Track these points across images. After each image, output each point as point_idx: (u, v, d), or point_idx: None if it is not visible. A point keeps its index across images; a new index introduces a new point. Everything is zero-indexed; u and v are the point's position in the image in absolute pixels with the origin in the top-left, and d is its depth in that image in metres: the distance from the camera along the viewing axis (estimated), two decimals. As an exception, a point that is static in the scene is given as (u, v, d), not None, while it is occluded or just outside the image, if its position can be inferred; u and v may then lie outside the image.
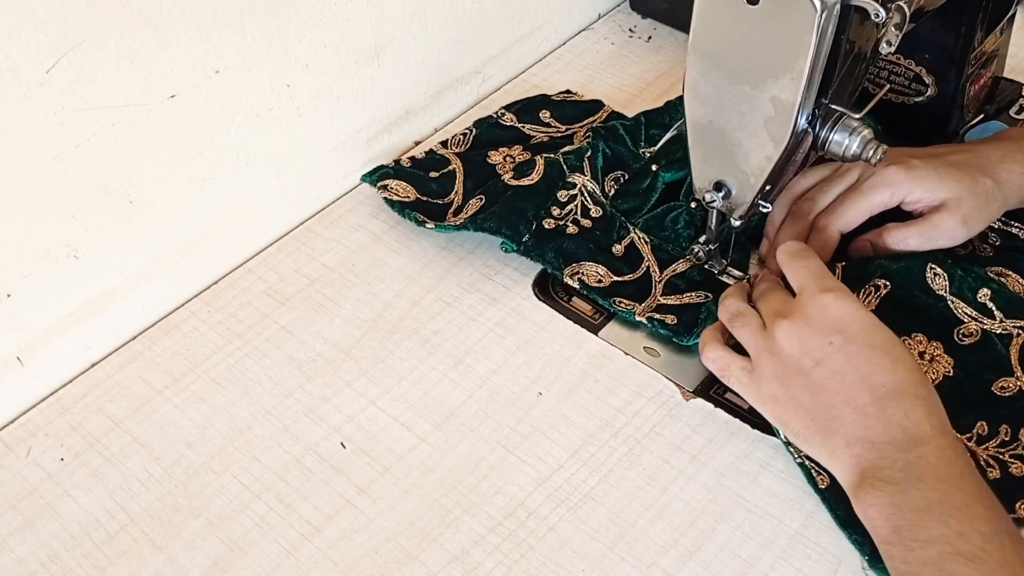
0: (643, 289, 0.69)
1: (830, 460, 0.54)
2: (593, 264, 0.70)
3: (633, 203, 0.75)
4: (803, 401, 0.55)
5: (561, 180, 0.74)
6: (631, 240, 0.72)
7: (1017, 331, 0.62)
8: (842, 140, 0.59)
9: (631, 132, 0.79)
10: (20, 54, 0.54)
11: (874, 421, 0.53)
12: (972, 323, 0.63)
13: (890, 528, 0.50)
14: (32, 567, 0.57)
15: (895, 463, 0.51)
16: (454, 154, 0.80)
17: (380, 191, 0.76)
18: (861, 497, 0.52)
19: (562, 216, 0.73)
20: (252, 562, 0.57)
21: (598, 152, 0.77)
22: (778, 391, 0.57)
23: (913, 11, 0.56)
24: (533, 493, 0.59)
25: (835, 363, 0.54)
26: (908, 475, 0.51)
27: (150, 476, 0.61)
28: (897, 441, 0.52)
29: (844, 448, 0.53)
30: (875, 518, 0.51)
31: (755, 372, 0.58)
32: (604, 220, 0.73)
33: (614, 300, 0.68)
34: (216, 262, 0.73)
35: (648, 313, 0.67)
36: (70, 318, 0.65)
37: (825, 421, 0.54)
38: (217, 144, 0.68)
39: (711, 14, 0.55)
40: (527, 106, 0.85)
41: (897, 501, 0.50)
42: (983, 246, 0.69)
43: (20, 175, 0.58)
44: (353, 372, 0.66)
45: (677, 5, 0.94)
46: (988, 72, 0.78)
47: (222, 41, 0.64)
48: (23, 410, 0.65)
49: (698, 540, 0.56)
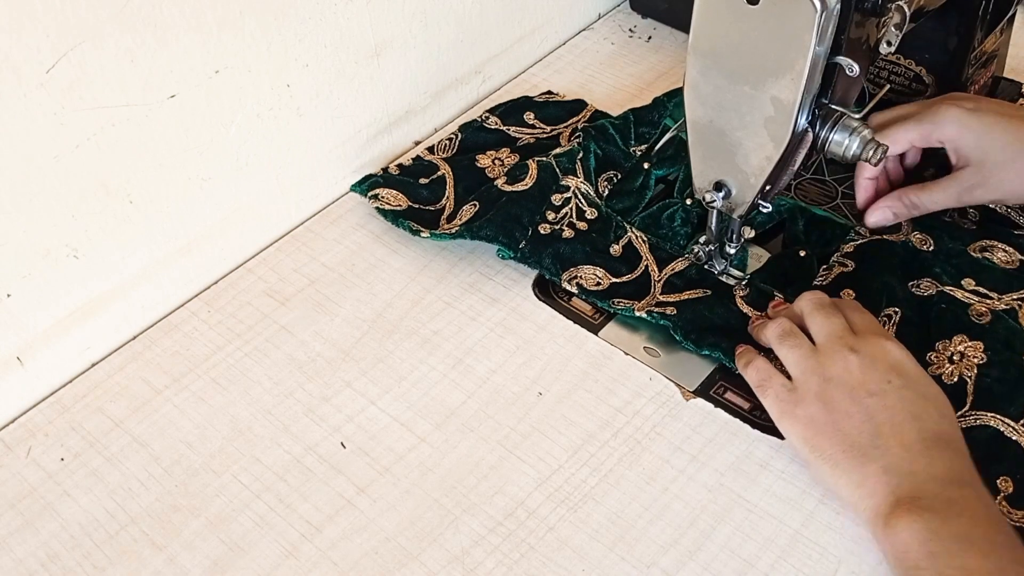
0: (642, 289, 0.69)
1: (860, 486, 0.53)
2: (591, 267, 0.70)
3: (628, 202, 0.75)
4: (844, 426, 0.55)
5: (554, 183, 0.74)
6: (629, 240, 0.72)
7: (1018, 304, 0.64)
8: (842, 140, 0.59)
9: (620, 131, 0.79)
10: (20, 54, 0.54)
11: (919, 456, 0.53)
12: (977, 304, 0.64)
13: (925, 553, 0.49)
14: (32, 567, 0.57)
15: (936, 496, 0.51)
16: (442, 160, 0.79)
17: (371, 200, 0.75)
18: (894, 522, 0.51)
19: (557, 220, 0.73)
20: (252, 562, 0.57)
21: (589, 153, 0.77)
22: (818, 413, 0.56)
23: (913, 11, 0.56)
24: (533, 493, 0.59)
25: (890, 399, 0.55)
26: (949, 509, 0.50)
27: (150, 476, 0.61)
28: (939, 478, 0.52)
29: (881, 475, 0.53)
30: (908, 542, 0.50)
31: (798, 392, 0.58)
32: (600, 221, 0.73)
33: (613, 301, 0.68)
34: (216, 262, 0.73)
35: (647, 308, 0.67)
36: (70, 318, 0.65)
37: (866, 448, 0.54)
38: (217, 144, 0.68)
39: (711, 14, 0.55)
40: (511, 108, 0.85)
41: (936, 528, 0.49)
42: (963, 220, 0.70)
43: (20, 175, 0.58)
44: (353, 372, 0.66)
45: (677, 5, 0.94)
46: (988, 72, 0.78)
47: (222, 41, 0.64)
48: (23, 410, 0.65)
49: (698, 540, 0.56)
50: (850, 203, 0.74)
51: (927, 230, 0.69)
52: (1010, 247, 0.68)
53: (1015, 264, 0.67)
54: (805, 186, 0.76)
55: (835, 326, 0.59)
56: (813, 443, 0.56)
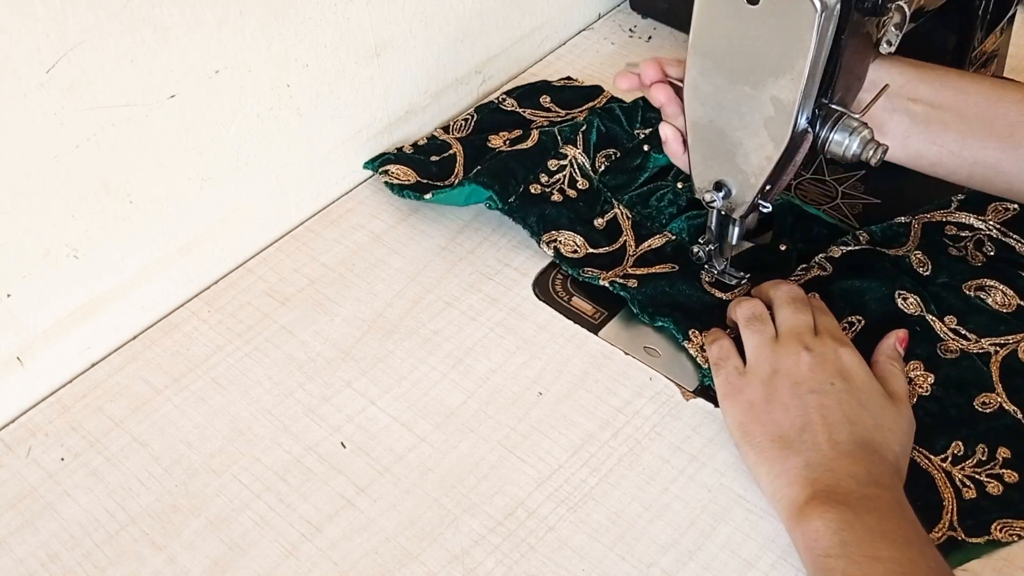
0: (615, 261, 0.71)
1: (780, 476, 0.54)
2: (571, 233, 0.72)
3: (621, 179, 0.76)
4: (779, 417, 0.56)
5: (554, 149, 0.76)
6: (614, 215, 0.74)
7: (995, 348, 0.63)
8: (842, 140, 0.58)
9: (628, 113, 0.81)
10: (20, 54, 0.54)
11: (843, 457, 0.54)
12: (951, 341, 0.63)
13: (836, 540, 0.50)
14: (32, 567, 0.57)
15: (852, 492, 0.52)
16: (455, 139, 0.81)
17: (381, 175, 0.77)
18: (808, 511, 0.51)
19: (549, 184, 0.75)
20: (252, 562, 0.57)
21: (592, 128, 0.78)
22: (759, 400, 0.58)
23: (913, 11, 0.56)
24: (533, 493, 0.59)
25: (828, 400, 0.56)
26: (865, 505, 0.51)
27: (150, 476, 0.61)
28: (859, 477, 0.53)
29: (801, 469, 0.54)
30: (820, 530, 0.50)
31: (747, 376, 0.59)
32: (589, 194, 0.75)
33: (583, 269, 0.70)
34: (216, 262, 0.73)
35: (611, 278, 0.68)
36: (70, 318, 0.65)
37: (792, 441, 0.55)
38: (217, 144, 0.68)
39: (711, 14, 0.55)
40: (528, 91, 0.86)
41: (848, 519, 0.50)
42: (976, 253, 0.68)
43: (20, 175, 0.58)
44: (353, 372, 0.66)
45: (677, 5, 0.94)
46: (988, 72, 0.78)
47: (222, 41, 0.64)
48: (23, 410, 0.65)
49: (698, 540, 0.56)
50: (849, 203, 0.74)
51: (932, 254, 0.68)
52: (1012, 290, 0.66)
53: (1012, 308, 0.65)
54: (805, 186, 0.76)
55: (799, 322, 0.61)
56: (746, 428, 0.57)
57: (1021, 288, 0.66)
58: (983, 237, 0.69)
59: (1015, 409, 0.60)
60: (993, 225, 0.70)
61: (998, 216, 0.70)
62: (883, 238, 0.70)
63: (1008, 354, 0.62)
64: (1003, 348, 0.63)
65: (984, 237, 0.69)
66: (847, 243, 0.70)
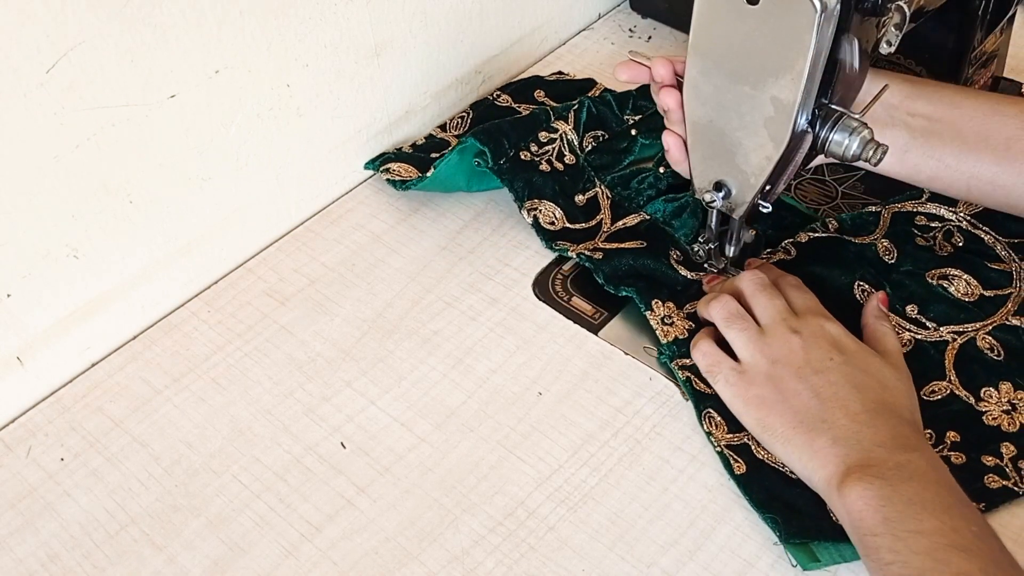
0: (588, 236, 0.72)
1: (811, 459, 0.55)
2: (553, 204, 0.74)
3: (606, 159, 0.78)
4: (793, 404, 0.57)
5: (546, 122, 0.78)
6: (595, 194, 0.75)
7: (952, 336, 0.63)
8: (842, 140, 0.58)
9: (619, 99, 0.82)
10: (20, 54, 0.54)
11: (865, 427, 0.55)
12: (905, 333, 0.64)
13: (879, 519, 0.50)
14: (32, 567, 0.57)
15: (885, 462, 0.52)
16: (454, 136, 0.82)
17: (383, 174, 0.78)
18: (846, 491, 0.52)
19: (538, 153, 0.76)
20: (252, 562, 0.57)
21: (584, 108, 0.80)
22: (767, 393, 0.58)
23: (913, 11, 0.56)
24: (533, 493, 0.59)
25: (833, 376, 0.57)
26: (899, 473, 0.52)
27: (150, 476, 0.61)
28: (887, 445, 0.53)
29: (830, 447, 0.54)
30: (862, 509, 0.51)
31: (747, 374, 0.60)
32: (574, 170, 0.76)
33: (556, 242, 0.71)
34: (216, 262, 0.73)
35: (580, 250, 0.70)
36: (70, 318, 0.65)
37: (814, 423, 0.56)
38: (217, 144, 0.68)
39: (711, 14, 0.55)
40: (521, 87, 0.87)
41: (887, 494, 0.51)
42: (944, 244, 0.69)
43: (20, 175, 0.58)
44: (353, 372, 0.66)
45: (677, 5, 0.94)
46: (988, 72, 0.78)
47: (222, 41, 0.64)
48: (23, 410, 0.65)
49: (698, 540, 0.56)
50: (849, 203, 0.75)
51: (898, 243, 0.69)
52: (976, 280, 0.66)
53: (974, 297, 0.65)
54: (805, 186, 0.76)
55: (777, 308, 0.62)
56: (765, 422, 0.58)
57: (985, 279, 0.67)
58: (952, 228, 0.70)
59: (967, 395, 0.61)
60: (964, 216, 0.70)
61: (969, 208, 0.71)
62: (852, 226, 0.71)
63: (966, 342, 0.63)
64: (960, 336, 0.64)
65: (954, 228, 0.70)
66: (815, 230, 0.71)
